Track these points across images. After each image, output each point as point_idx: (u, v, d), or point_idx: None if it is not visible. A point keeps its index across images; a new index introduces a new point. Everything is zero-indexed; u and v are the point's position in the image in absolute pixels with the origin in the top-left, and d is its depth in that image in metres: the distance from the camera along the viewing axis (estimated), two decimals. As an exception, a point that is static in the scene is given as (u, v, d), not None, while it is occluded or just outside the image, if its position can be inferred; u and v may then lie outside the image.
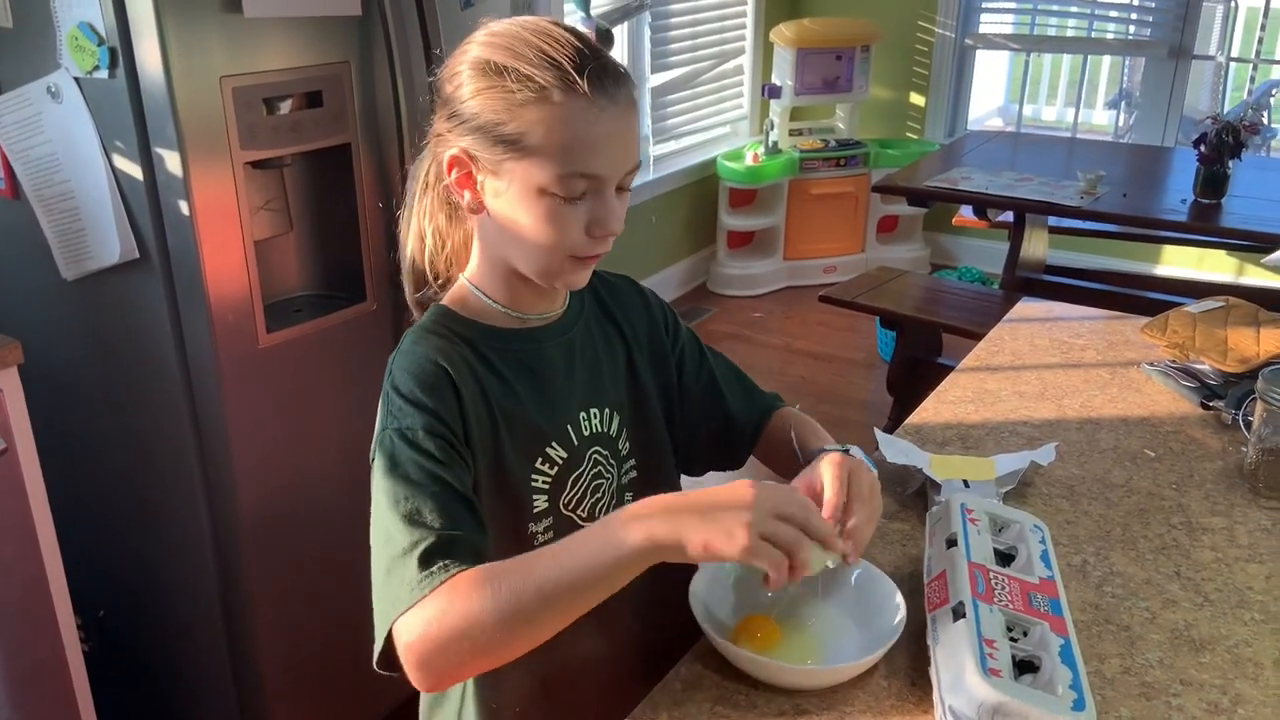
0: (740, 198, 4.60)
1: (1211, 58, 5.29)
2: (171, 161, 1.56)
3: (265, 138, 1.65)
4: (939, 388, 1.61)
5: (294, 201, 1.85)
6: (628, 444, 1.14)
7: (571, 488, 1.07)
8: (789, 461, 1.13)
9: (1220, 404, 1.50)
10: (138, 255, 1.64)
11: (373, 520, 0.95)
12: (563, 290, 1.10)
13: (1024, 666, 0.92)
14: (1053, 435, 1.45)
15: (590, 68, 0.93)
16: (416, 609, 0.87)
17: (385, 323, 1.91)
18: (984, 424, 1.49)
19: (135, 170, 1.59)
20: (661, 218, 4.39)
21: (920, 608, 1.02)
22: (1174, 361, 1.64)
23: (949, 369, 1.70)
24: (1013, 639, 0.93)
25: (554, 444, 1.06)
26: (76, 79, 1.59)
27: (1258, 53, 5.24)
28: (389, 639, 0.89)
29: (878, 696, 0.96)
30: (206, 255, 1.61)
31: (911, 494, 1.30)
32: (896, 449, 1.33)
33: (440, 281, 1.10)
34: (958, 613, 0.94)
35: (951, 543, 1.05)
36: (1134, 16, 4.47)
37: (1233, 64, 5.59)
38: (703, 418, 1.21)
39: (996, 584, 0.99)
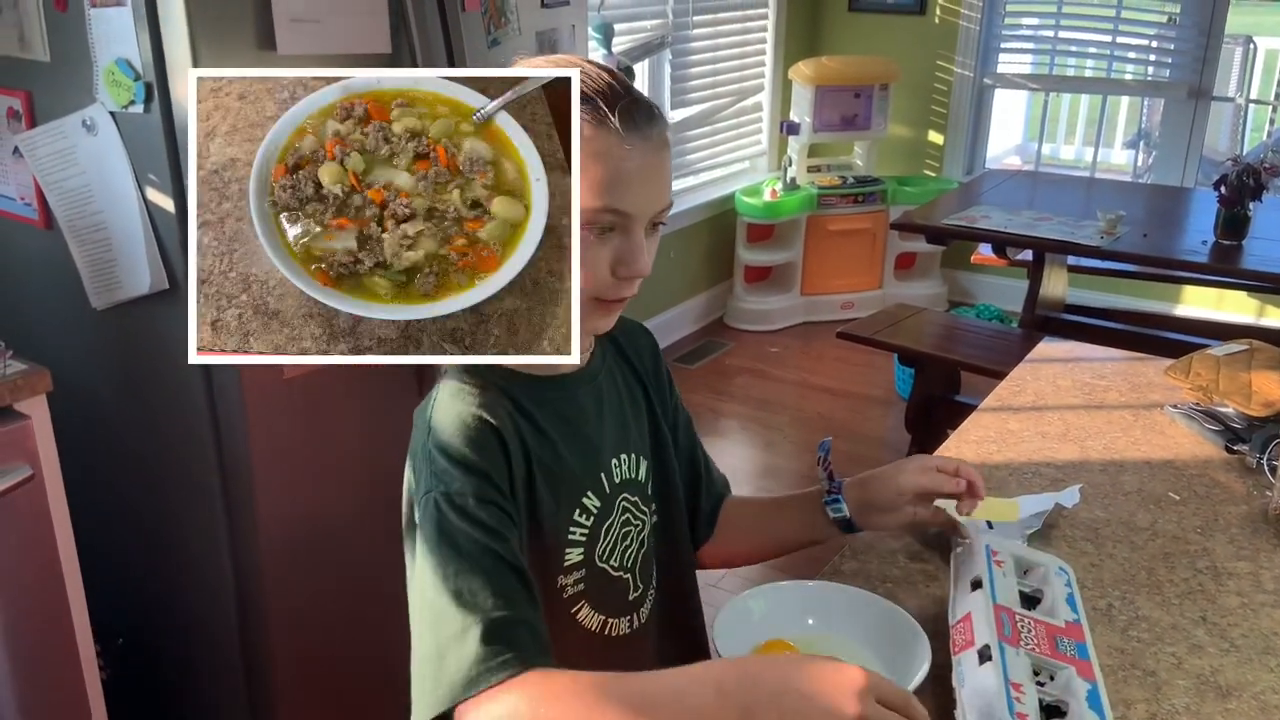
0: (758, 233, 4.62)
1: (1231, 99, 5.31)
2: (203, 194, 1.58)
3: (295, 172, 1.67)
4: (961, 427, 1.61)
5: (321, 234, 1.87)
6: (652, 488, 1.13)
7: (605, 537, 1.06)
8: (743, 541, 1.22)
9: (1245, 448, 1.50)
10: (167, 286, 1.67)
11: (416, 590, 0.90)
12: (588, 336, 1.06)
13: (1051, 711, 0.91)
14: (1076, 477, 1.45)
15: (622, 104, 0.92)
16: (485, 703, 0.81)
17: (408, 355, 1.93)
18: (1007, 465, 1.49)
19: (167, 203, 1.62)
20: (679, 252, 4.41)
21: (945, 649, 1.02)
22: (1198, 404, 1.64)
23: (967, 407, 1.70)
24: (1039, 683, 0.93)
25: (589, 494, 1.04)
26: (112, 113, 1.62)
27: (1277, 94, 5.25)
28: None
29: (902, 739, 0.95)
30: (235, 287, 1.63)
31: (934, 535, 1.29)
32: (919, 489, 1.33)
33: None
34: (984, 655, 0.94)
35: (977, 585, 1.04)
36: (1153, 58, 4.49)
37: (1252, 105, 5.61)
38: (684, 489, 1.21)
39: (1022, 627, 0.99)
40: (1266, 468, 1.44)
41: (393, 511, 1.01)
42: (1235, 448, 1.51)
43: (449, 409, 0.96)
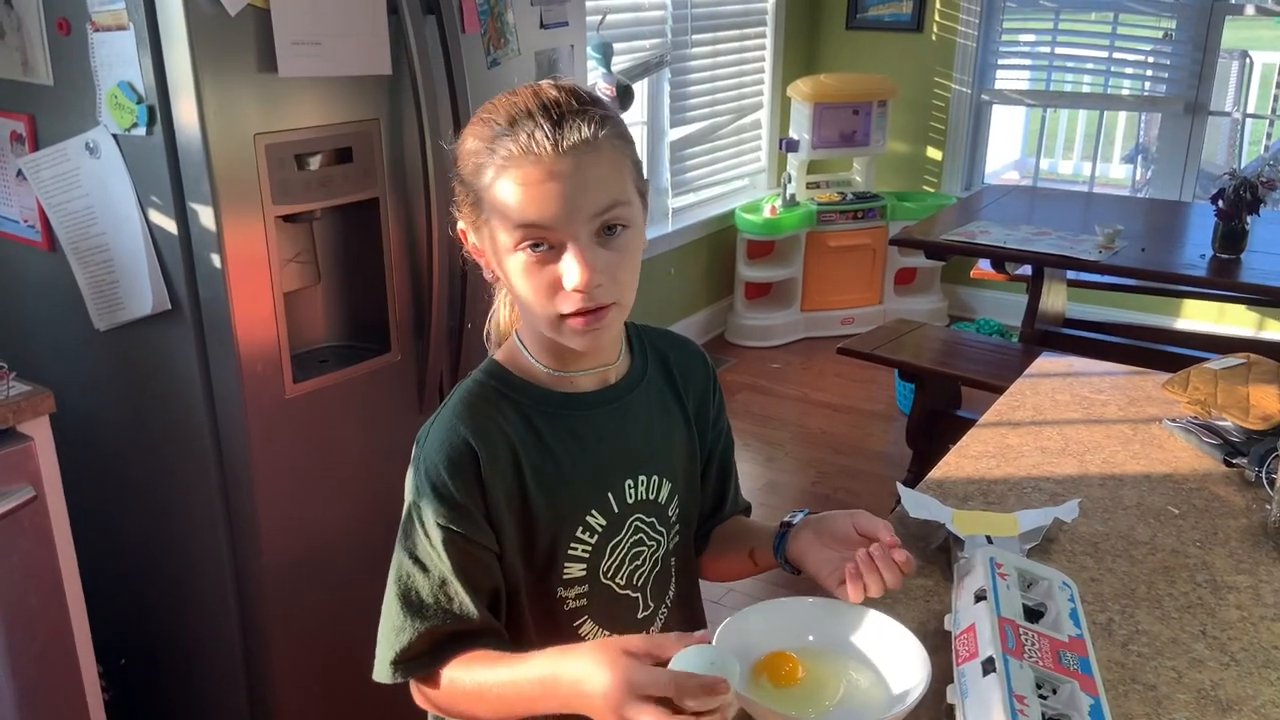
0: (758, 249, 4.63)
1: (1228, 113, 5.32)
2: (205, 216, 1.60)
3: (296, 192, 1.69)
4: (960, 442, 1.61)
5: (322, 254, 1.88)
6: (677, 510, 1.13)
7: (610, 555, 1.07)
8: (719, 554, 1.22)
9: (1243, 461, 1.50)
10: (170, 306, 1.68)
11: (389, 573, 1.02)
12: (603, 352, 1.06)
13: (1052, 725, 0.92)
14: (1075, 491, 1.45)
15: (533, 118, 0.91)
16: (412, 690, 1.03)
17: (409, 373, 1.94)
18: (1006, 479, 1.49)
19: (169, 224, 1.63)
20: (680, 269, 4.43)
21: (940, 664, 1.02)
22: (1196, 418, 1.64)
23: (968, 421, 1.70)
24: (1042, 696, 0.93)
25: (594, 512, 1.05)
26: (115, 136, 1.63)
27: (1274, 109, 5.27)
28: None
29: (903, 755, 0.95)
30: (236, 306, 1.64)
31: (934, 550, 1.30)
32: (919, 504, 1.33)
33: (495, 341, 1.12)
34: (987, 667, 0.94)
35: (980, 596, 1.05)
36: (1150, 73, 4.51)
37: (1249, 119, 5.63)
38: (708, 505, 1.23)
39: (1026, 640, 0.99)
40: (1265, 481, 1.44)
41: (395, 529, 1.02)
42: (1234, 461, 1.52)
43: (443, 425, 1.01)
